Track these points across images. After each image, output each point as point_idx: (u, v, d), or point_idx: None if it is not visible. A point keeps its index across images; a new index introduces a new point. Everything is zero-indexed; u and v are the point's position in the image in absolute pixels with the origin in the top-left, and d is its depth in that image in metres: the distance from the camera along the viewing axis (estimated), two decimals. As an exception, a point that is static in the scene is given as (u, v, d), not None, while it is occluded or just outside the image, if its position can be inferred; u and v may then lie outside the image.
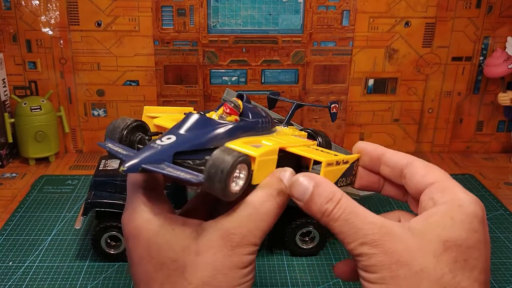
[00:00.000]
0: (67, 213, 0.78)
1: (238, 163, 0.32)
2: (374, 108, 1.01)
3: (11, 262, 0.66)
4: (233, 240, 0.33)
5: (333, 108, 0.46)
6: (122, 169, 0.32)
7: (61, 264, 0.66)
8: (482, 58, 0.99)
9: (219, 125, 0.36)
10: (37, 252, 0.68)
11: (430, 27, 0.96)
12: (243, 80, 0.97)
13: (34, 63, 0.94)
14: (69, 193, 0.84)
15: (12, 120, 0.92)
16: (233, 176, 0.32)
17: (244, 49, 0.95)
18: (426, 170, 0.37)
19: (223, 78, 0.97)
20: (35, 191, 0.84)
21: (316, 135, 0.44)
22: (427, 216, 0.34)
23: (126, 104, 0.97)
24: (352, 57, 0.97)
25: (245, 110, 0.38)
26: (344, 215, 0.33)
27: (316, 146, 0.42)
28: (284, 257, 0.69)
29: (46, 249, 0.69)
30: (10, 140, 0.92)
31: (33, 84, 0.95)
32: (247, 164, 0.33)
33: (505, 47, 0.95)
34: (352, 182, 0.40)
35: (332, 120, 0.46)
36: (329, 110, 0.46)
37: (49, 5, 0.90)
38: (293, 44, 0.95)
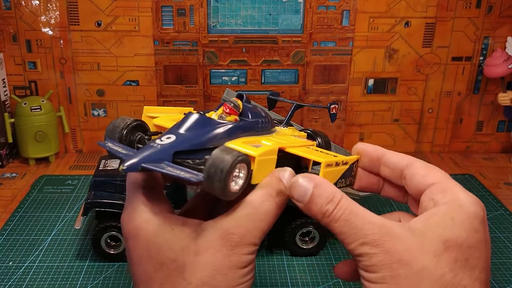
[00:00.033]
0: (67, 213, 0.78)
1: (237, 162, 0.32)
2: (374, 108, 1.01)
3: (11, 262, 0.66)
4: (232, 240, 0.33)
5: (332, 108, 0.46)
6: (122, 168, 0.32)
7: (61, 264, 0.66)
8: (482, 58, 0.99)
9: (219, 125, 0.36)
10: (37, 252, 0.68)
11: (430, 27, 0.96)
12: (243, 80, 0.97)
13: (34, 63, 0.94)
14: (69, 193, 0.84)
15: (12, 120, 0.92)
16: (233, 176, 0.32)
17: (244, 49, 0.95)
18: (427, 171, 0.37)
19: (223, 78, 0.97)
20: (35, 191, 0.84)
21: (316, 135, 0.44)
22: (427, 217, 0.34)
23: (126, 104, 0.97)
24: (352, 57, 0.97)
25: (245, 110, 0.38)
26: (345, 215, 0.33)
27: (316, 146, 0.42)
28: (284, 257, 0.69)
29: (46, 249, 0.69)
30: (10, 140, 0.92)
31: (33, 84, 0.95)
32: (246, 163, 0.33)
33: (505, 47, 0.95)
34: (351, 183, 0.40)
35: (331, 120, 0.46)
36: (328, 111, 0.46)
37: (49, 5, 0.90)
38: (293, 44, 0.95)
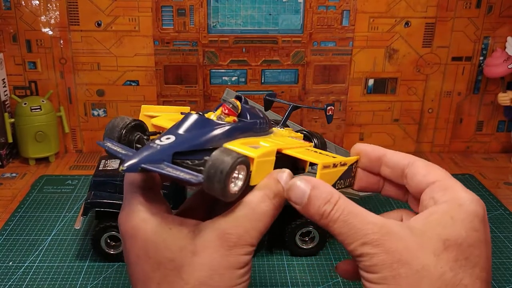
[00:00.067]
0: (67, 213, 0.78)
1: (237, 164, 0.32)
2: (374, 108, 1.01)
3: (11, 262, 0.66)
4: (229, 240, 0.34)
5: (329, 110, 0.46)
6: (122, 169, 0.32)
7: (61, 264, 0.66)
8: (482, 58, 0.98)
9: (218, 126, 0.36)
10: (37, 252, 0.68)
11: (430, 27, 0.96)
12: (243, 80, 0.97)
13: (34, 63, 0.94)
14: (69, 193, 0.84)
15: (12, 120, 0.92)
16: (232, 177, 0.32)
17: (244, 49, 0.95)
18: (428, 169, 0.37)
19: (223, 78, 0.97)
20: (35, 191, 0.84)
21: (312, 136, 0.44)
22: (427, 215, 0.34)
23: (126, 104, 0.97)
24: (352, 57, 0.97)
25: (243, 111, 0.38)
26: (343, 216, 0.33)
27: (312, 147, 0.42)
28: (284, 257, 0.69)
29: (46, 249, 0.69)
30: (10, 140, 0.92)
31: (33, 84, 0.95)
32: (246, 165, 0.33)
33: (505, 47, 0.95)
34: (351, 184, 0.40)
35: (328, 122, 0.46)
36: (325, 112, 0.46)
37: (49, 5, 0.90)
38: (293, 44, 0.95)
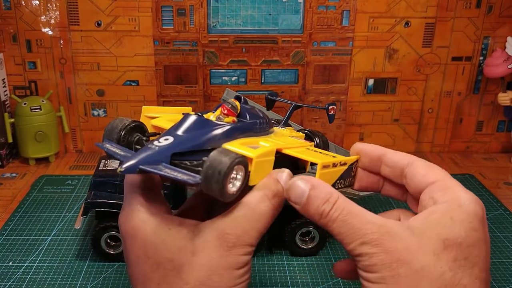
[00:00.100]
0: (67, 213, 0.78)
1: (235, 164, 0.32)
2: (374, 108, 1.01)
3: (11, 262, 0.66)
4: (228, 241, 0.34)
5: (330, 109, 0.45)
6: (120, 170, 0.32)
7: (61, 264, 0.66)
8: (482, 58, 0.98)
9: (217, 126, 0.36)
10: (37, 252, 0.68)
11: (430, 27, 0.96)
12: (243, 80, 0.97)
13: (34, 63, 0.94)
14: (69, 193, 0.84)
15: (12, 120, 0.92)
16: (230, 177, 0.32)
17: (244, 49, 0.95)
18: (427, 169, 0.37)
19: (223, 78, 0.97)
20: (35, 191, 0.84)
21: (314, 135, 0.44)
22: (426, 215, 0.34)
23: (126, 104, 0.97)
24: (352, 57, 0.97)
25: (243, 111, 0.38)
26: (342, 216, 0.33)
27: (314, 147, 0.42)
28: (284, 257, 0.69)
29: (46, 249, 0.69)
30: (10, 140, 0.92)
31: (33, 84, 0.95)
32: (244, 165, 0.33)
33: (505, 47, 0.95)
34: (351, 183, 0.40)
35: (329, 121, 0.46)
36: (326, 111, 0.46)
37: (49, 5, 0.90)
38: (293, 44, 0.95)
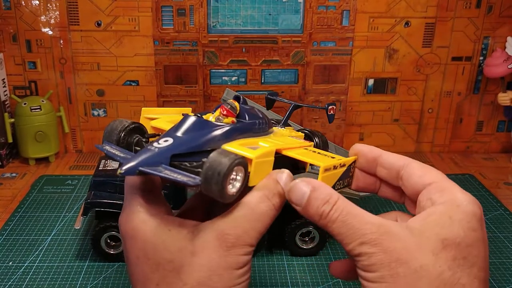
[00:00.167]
0: (67, 213, 0.78)
1: (234, 165, 0.32)
2: (374, 108, 1.01)
3: (11, 262, 0.66)
4: (228, 241, 0.34)
5: (330, 109, 0.45)
6: (120, 172, 0.32)
7: (61, 264, 0.66)
8: (482, 58, 0.98)
9: (216, 127, 0.36)
10: (37, 252, 0.68)
11: (430, 27, 0.96)
12: (243, 80, 0.97)
13: (34, 63, 0.94)
14: (69, 193, 0.84)
15: (12, 120, 0.92)
16: (230, 178, 0.32)
17: (244, 49, 0.95)
18: (423, 171, 0.37)
19: (223, 78, 0.97)
20: (35, 191, 0.84)
21: (313, 135, 0.44)
22: (425, 216, 0.34)
23: (126, 104, 0.98)
24: (352, 57, 0.97)
25: (242, 111, 0.38)
26: (342, 216, 0.33)
27: (313, 147, 0.42)
28: (284, 257, 0.69)
29: (46, 249, 0.69)
30: (10, 140, 0.92)
31: (33, 84, 0.95)
32: (243, 166, 0.33)
33: (505, 47, 0.95)
34: (349, 184, 0.40)
35: (329, 121, 0.46)
36: (326, 111, 0.46)
37: (49, 5, 0.90)
38: (293, 44, 0.95)
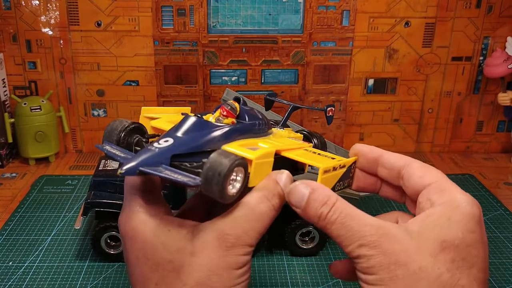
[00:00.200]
0: (67, 213, 0.78)
1: (235, 166, 0.32)
2: (374, 108, 1.01)
3: (11, 262, 0.66)
4: (227, 241, 0.34)
5: (329, 111, 0.45)
6: (120, 172, 0.32)
7: (61, 264, 0.66)
8: (482, 58, 0.98)
9: (216, 128, 0.36)
10: (37, 252, 0.68)
11: (430, 27, 0.96)
12: (243, 80, 0.97)
13: (34, 63, 0.94)
14: (69, 193, 0.84)
15: (12, 120, 0.92)
16: (230, 179, 0.32)
17: (244, 49, 0.95)
18: (424, 171, 0.37)
19: (223, 78, 0.97)
20: (35, 191, 0.84)
21: (312, 136, 0.44)
22: (424, 217, 0.34)
23: (126, 104, 0.98)
24: (352, 57, 0.97)
25: (242, 112, 0.38)
26: (340, 218, 0.33)
27: (312, 147, 0.42)
28: (284, 257, 0.69)
29: (46, 249, 0.69)
30: (10, 140, 0.92)
31: (33, 84, 0.95)
32: (243, 167, 0.33)
33: (505, 47, 0.95)
34: (349, 184, 0.40)
35: (327, 123, 0.46)
36: (325, 113, 0.46)
37: (49, 5, 0.90)
38: (293, 44, 0.95)
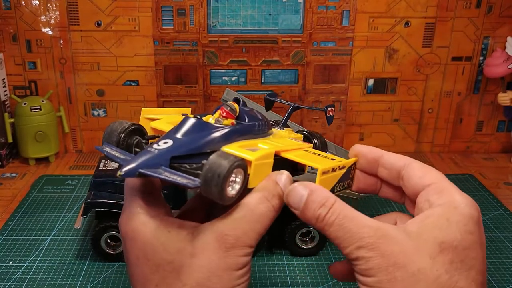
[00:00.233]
0: (67, 213, 0.78)
1: (234, 167, 0.32)
2: (374, 108, 1.01)
3: (11, 262, 0.66)
4: (227, 242, 0.34)
5: (329, 111, 0.46)
6: (120, 174, 0.32)
7: (61, 264, 0.66)
8: (482, 58, 0.98)
9: (216, 129, 0.36)
10: (37, 252, 0.68)
11: (430, 27, 0.96)
12: (243, 80, 0.97)
13: (34, 63, 0.94)
14: (69, 193, 0.84)
15: (12, 120, 0.92)
16: (230, 181, 0.32)
17: (244, 49, 0.95)
18: (423, 171, 0.37)
19: (223, 78, 0.97)
20: (35, 191, 0.84)
21: (312, 137, 0.44)
22: (423, 218, 0.34)
23: (126, 104, 0.98)
24: (352, 57, 0.97)
25: (242, 113, 0.38)
26: (338, 220, 0.33)
27: (312, 148, 0.42)
28: (284, 257, 0.69)
29: (46, 249, 0.69)
30: (10, 140, 0.92)
31: (33, 84, 0.95)
32: (243, 168, 0.33)
33: (505, 47, 0.95)
34: (349, 185, 0.40)
35: (328, 123, 0.46)
36: (325, 113, 0.46)
37: (49, 5, 0.90)
38: (293, 44, 0.95)
